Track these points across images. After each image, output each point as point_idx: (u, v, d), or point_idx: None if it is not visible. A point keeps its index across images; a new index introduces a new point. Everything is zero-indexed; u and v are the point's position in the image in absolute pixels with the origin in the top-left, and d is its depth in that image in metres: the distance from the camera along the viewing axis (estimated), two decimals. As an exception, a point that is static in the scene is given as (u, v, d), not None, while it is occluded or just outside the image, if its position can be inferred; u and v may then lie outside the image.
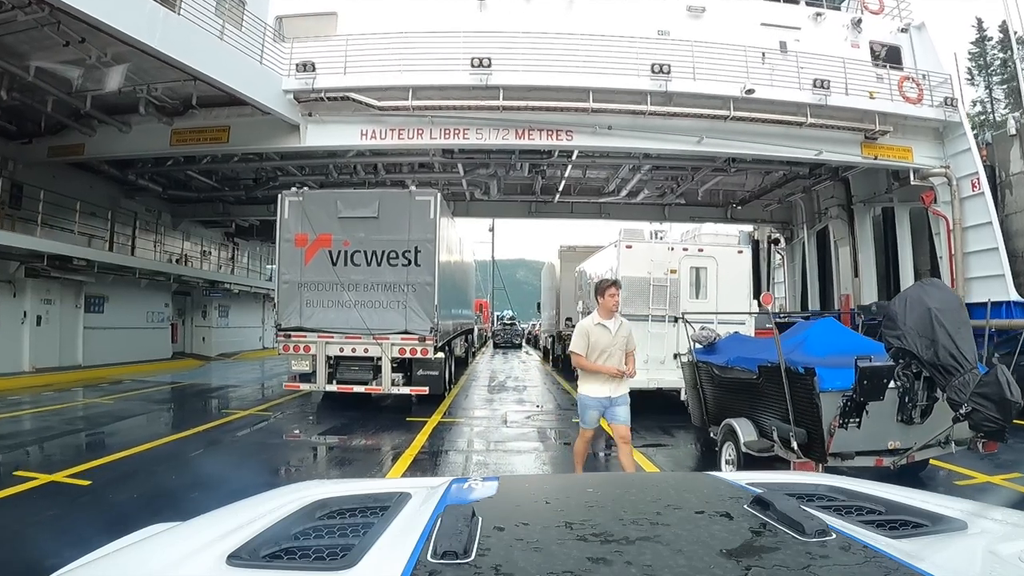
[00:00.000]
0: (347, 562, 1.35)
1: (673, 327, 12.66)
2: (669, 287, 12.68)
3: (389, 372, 12.48)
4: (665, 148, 17.23)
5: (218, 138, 17.53)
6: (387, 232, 12.69)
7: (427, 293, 12.46)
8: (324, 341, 12.70)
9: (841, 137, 17.95)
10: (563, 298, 22.61)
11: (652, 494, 1.88)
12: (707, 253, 13.13)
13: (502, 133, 16.46)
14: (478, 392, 16.69)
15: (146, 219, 25.95)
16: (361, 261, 12.75)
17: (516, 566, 1.22)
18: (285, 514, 1.76)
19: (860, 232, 23.30)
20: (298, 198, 13.16)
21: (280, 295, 13.15)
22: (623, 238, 12.93)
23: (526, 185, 25.23)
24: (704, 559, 1.28)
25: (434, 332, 12.36)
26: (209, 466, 8.30)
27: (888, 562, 1.28)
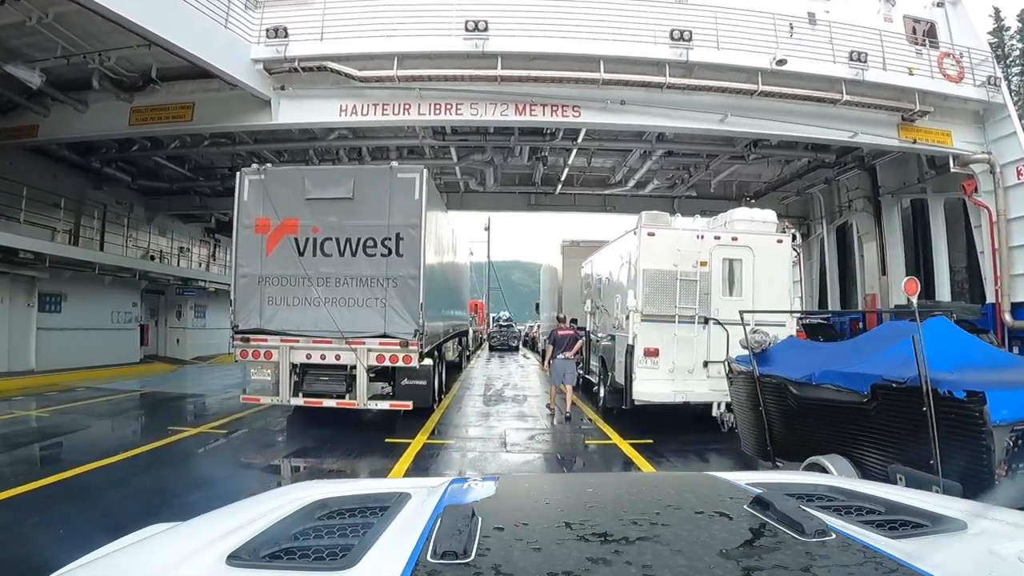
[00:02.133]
0: (347, 562, 1.34)
1: (704, 329, 10.75)
2: (699, 282, 10.70)
3: (365, 383, 10.47)
4: (685, 127, 15.31)
5: (181, 116, 15.65)
6: (364, 216, 10.70)
7: (411, 289, 10.45)
8: (288, 346, 10.70)
9: (877, 118, 16.23)
10: (566, 298, 20.62)
11: (652, 494, 1.89)
12: (742, 242, 11.15)
13: (500, 108, 14.48)
14: (472, 403, 14.64)
15: (116, 212, 24.07)
16: (333, 251, 10.75)
17: (516, 566, 1.22)
18: (285, 514, 1.74)
19: (888, 226, 21.37)
20: (259, 176, 11.18)
21: (237, 291, 11.13)
22: (644, 223, 10.93)
23: (525, 175, 23.28)
24: (704, 559, 1.27)
25: (419, 335, 10.34)
26: (119, 509, 6.37)
27: (888, 562, 1.28)
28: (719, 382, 10.58)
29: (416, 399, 11.44)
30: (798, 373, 6.10)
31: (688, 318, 10.66)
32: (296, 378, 10.87)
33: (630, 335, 10.56)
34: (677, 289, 10.58)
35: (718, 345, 10.76)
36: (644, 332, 10.57)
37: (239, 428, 11.44)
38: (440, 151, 19.50)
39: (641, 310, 10.53)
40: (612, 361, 12.21)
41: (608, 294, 13.14)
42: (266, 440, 10.63)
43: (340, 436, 10.45)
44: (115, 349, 23.21)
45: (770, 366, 6.78)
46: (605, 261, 13.80)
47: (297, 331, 10.68)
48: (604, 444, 10.26)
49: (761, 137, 16.66)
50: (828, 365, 5.82)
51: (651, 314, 10.56)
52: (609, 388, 12.47)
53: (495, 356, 34.86)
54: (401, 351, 10.31)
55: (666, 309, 10.59)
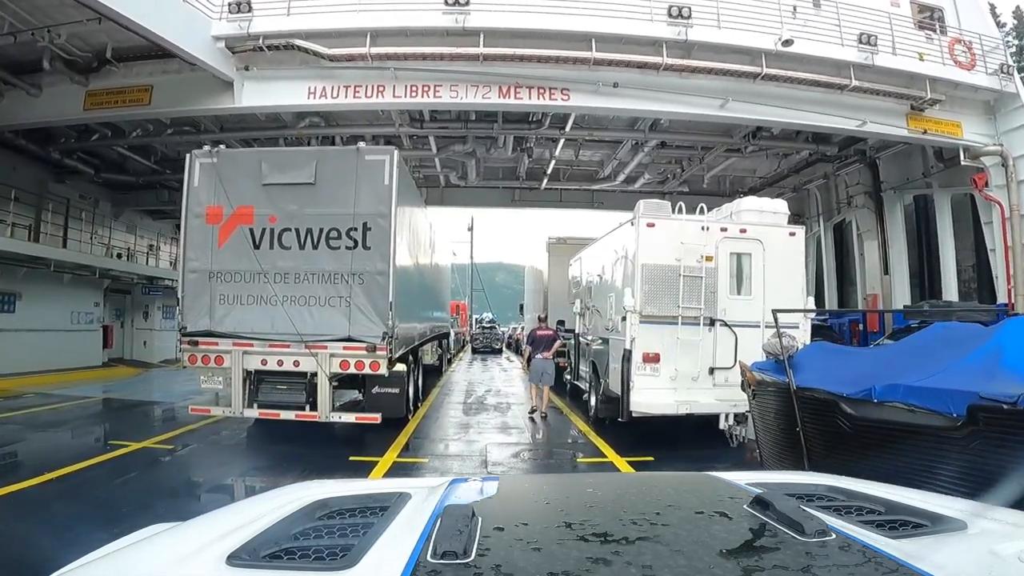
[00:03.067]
0: (347, 562, 1.33)
1: (710, 332, 9.60)
2: (705, 279, 9.54)
3: (328, 393, 9.21)
4: (682, 112, 14.19)
5: (139, 100, 14.41)
6: (327, 203, 9.46)
7: (379, 286, 9.22)
8: (241, 350, 9.43)
9: (885, 107, 15.25)
10: (552, 298, 19.40)
11: (652, 494, 1.88)
12: (751, 234, 10.01)
13: (482, 91, 13.28)
14: (451, 413, 13.38)
15: (80, 207, 22.75)
16: (292, 242, 9.51)
17: (516, 566, 1.21)
18: (285, 514, 1.73)
19: (891, 223, 20.37)
20: (211, 159, 9.93)
21: (185, 288, 9.86)
22: (643, 213, 9.75)
23: (509, 169, 22.15)
24: (704, 559, 1.27)
25: (388, 339, 9.10)
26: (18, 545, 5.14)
27: (888, 562, 1.27)
28: (726, 391, 9.52)
29: (388, 409, 10.22)
30: (850, 387, 4.92)
31: (692, 319, 9.50)
32: (251, 387, 9.61)
33: (627, 338, 9.38)
34: (680, 286, 9.42)
35: (725, 350, 9.67)
36: (643, 335, 9.40)
37: (189, 443, 10.13)
38: (419, 142, 18.30)
39: (640, 310, 9.35)
40: (605, 367, 11.03)
41: (600, 293, 11.95)
42: (215, 458, 9.36)
43: (299, 453, 9.18)
44: (75, 352, 21.70)
45: (803, 376, 5.64)
46: (597, 257, 12.59)
47: (251, 334, 9.42)
48: (598, 462, 9.09)
49: (764, 124, 15.58)
50: (890, 377, 4.65)
51: (651, 315, 9.40)
52: (602, 397, 11.29)
53: (478, 359, 33.58)
54: (368, 357, 9.07)
55: (668, 309, 9.43)
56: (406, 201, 10.46)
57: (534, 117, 15.99)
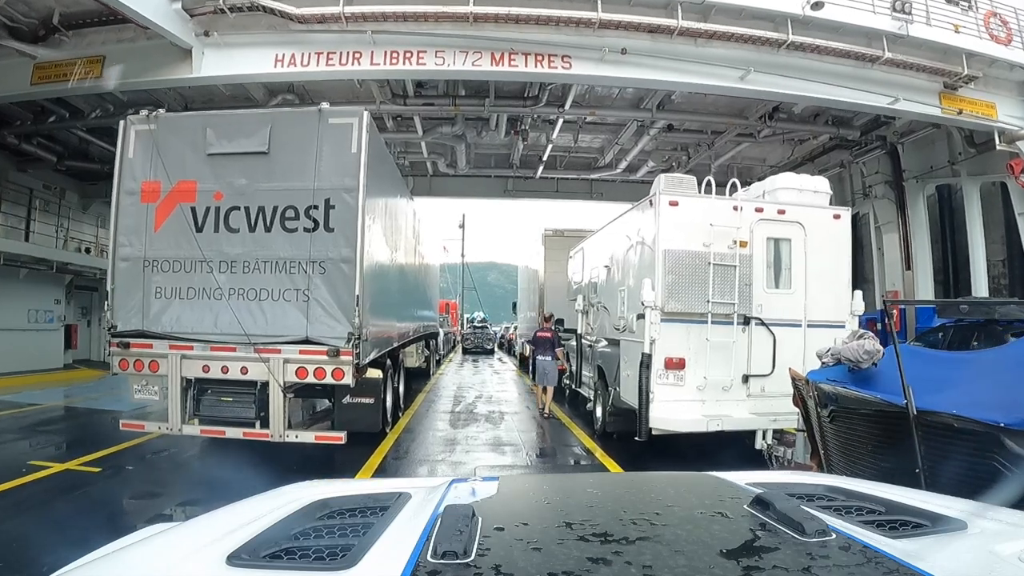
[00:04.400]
0: (347, 562, 1.32)
1: (743, 332, 8.02)
2: (739, 268, 7.95)
3: (281, 407, 7.54)
4: (698, 84, 12.56)
5: (90, 72, 12.77)
6: (282, 176, 7.84)
7: (343, 276, 7.57)
8: (179, 354, 7.78)
9: (917, 84, 13.79)
10: (549, 295, 17.84)
11: (652, 494, 1.88)
12: (791, 216, 8.46)
13: (472, 57, 11.63)
14: (437, 425, 11.69)
15: (45, 198, 21.28)
16: (240, 224, 7.87)
17: (516, 566, 1.20)
18: (285, 514, 1.72)
19: (913, 215, 18.82)
20: (148, 126, 8.29)
21: (116, 280, 8.21)
22: (664, 188, 8.15)
23: (502, 156, 20.56)
24: (704, 559, 1.26)
25: (355, 341, 7.44)
26: None
27: (888, 562, 1.26)
28: (763, 403, 8.01)
29: (361, 423, 8.72)
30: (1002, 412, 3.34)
31: (723, 317, 7.93)
32: (191, 398, 7.97)
33: (645, 340, 7.75)
34: (709, 277, 7.83)
35: (762, 354, 8.14)
36: (665, 336, 7.81)
37: (122, 463, 8.50)
38: (404, 124, 16.70)
39: (661, 306, 7.75)
40: (615, 373, 9.42)
41: (609, 288, 10.30)
42: (145, 485, 7.70)
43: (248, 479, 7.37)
44: (32, 353, 20.06)
45: (890, 391, 4.11)
46: (604, 246, 10.93)
47: (191, 334, 7.79)
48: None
49: (788, 100, 13.98)
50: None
51: (674, 312, 7.81)
52: (610, 408, 9.69)
53: (469, 360, 31.84)
54: (330, 363, 7.42)
55: (695, 304, 7.84)
56: (380, 175, 8.82)
57: (530, 93, 14.40)
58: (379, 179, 8.74)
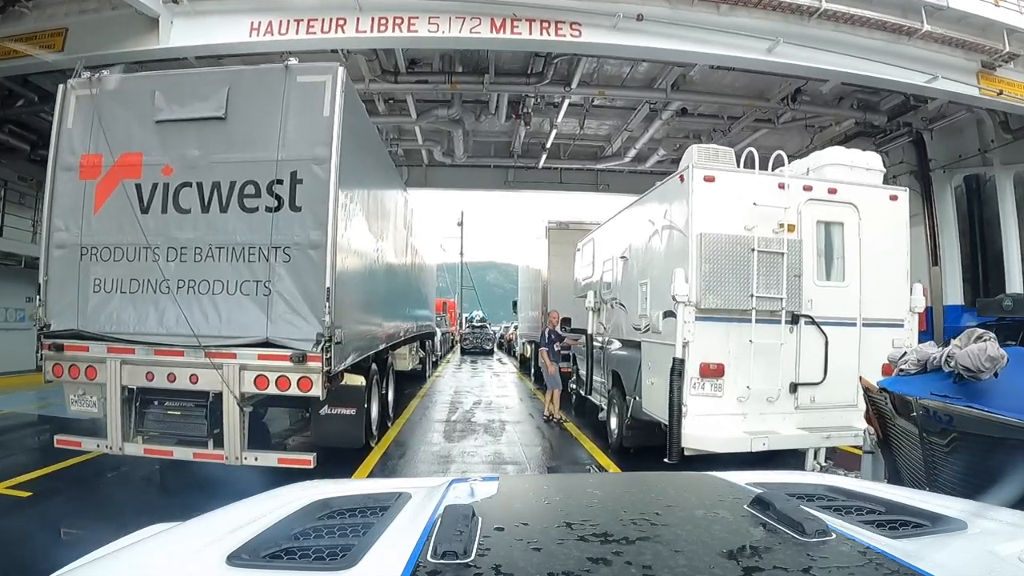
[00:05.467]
0: (347, 562, 1.31)
1: (792, 333, 6.77)
2: (787, 255, 6.66)
3: (238, 424, 6.24)
4: (722, 55, 11.32)
5: (51, 45, 11.72)
6: (242, 146, 6.55)
7: (311, 264, 6.26)
8: (118, 359, 6.50)
9: (953, 62, 12.64)
10: (553, 292, 16.55)
11: (652, 494, 1.87)
12: (843, 197, 7.20)
13: (470, 24, 10.36)
14: (430, 438, 10.36)
15: (21, 190, 20.06)
16: (192, 203, 6.58)
17: (516, 566, 1.19)
18: (285, 514, 1.71)
19: (940, 207, 17.62)
20: (90, 90, 7.03)
21: (49, 271, 6.94)
22: (697, 161, 6.85)
23: (502, 144, 19.32)
24: (704, 559, 1.25)
25: (325, 344, 6.10)
26: None
27: (888, 562, 1.26)
28: (814, 416, 6.81)
29: (340, 437, 7.57)
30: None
31: (769, 314, 6.63)
32: (134, 411, 6.68)
33: (677, 343, 6.44)
34: (753, 267, 6.53)
35: (812, 358, 6.88)
36: (701, 338, 6.50)
37: (63, 485, 7.26)
38: (396, 107, 15.42)
39: (697, 302, 6.46)
40: (635, 380, 8.12)
41: (626, 282, 8.97)
42: (72, 517, 6.39)
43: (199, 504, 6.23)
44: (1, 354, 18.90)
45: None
46: (621, 234, 9.54)
47: (132, 334, 6.51)
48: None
49: (818, 76, 12.70)
50: None
51: (712, 308, 6.52)
52: (629, 421, 8.38)
53: (467, 361, 30.54)
54: (295, 371, 6.10)
55: (736, 299, 6.54)
56: (360, 146, 7.53)
57: (533, 69, 13.15)
58: (358, 151, 7.45)
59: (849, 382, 7.05)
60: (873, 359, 7.12)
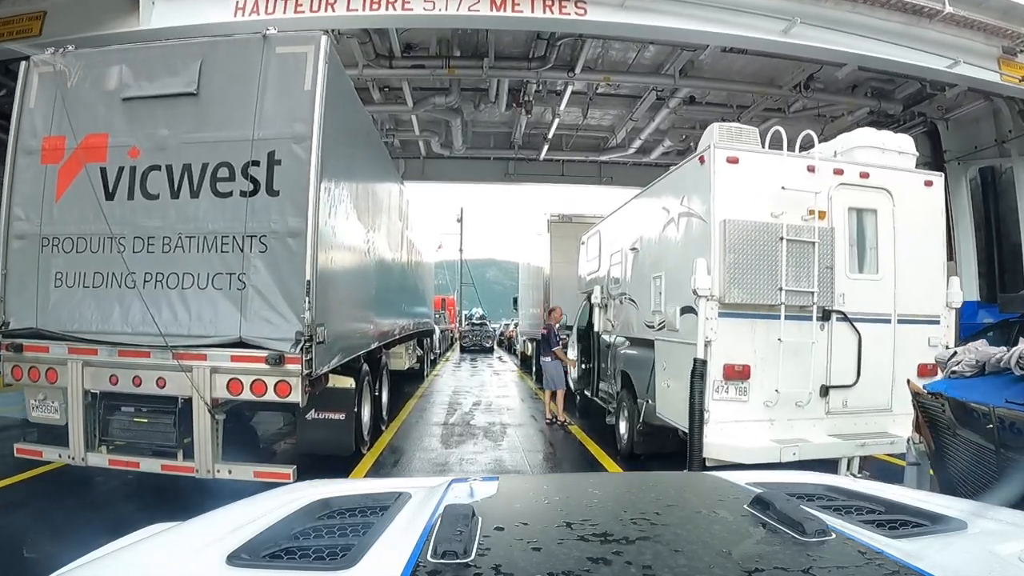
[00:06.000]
0: (347, 562, 1.30)
1: (823, 331, 6.16)
2: (818, 245, 6.03)
3: (209, 432, 5.61)
4: (736, 35, 10.73)
5: (28, 30, 11.24)
6: (215, 124, 5.93)
7: (289, 255, 5.63)
8: (81, 360, 5.88)
9: (973, 46, 12.09)
10: (555, 288, 15.92)
11: (652, 494, 1.86)
12: (876, 181, 6.58)
13: (468, 1, 9.72)
14: (426, 443, 9.71)
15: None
16: (161, 187, 5.96)
17: (516, 566, 1.18)
18: (285, 514, 1.70)
19: (955, 200, 16.98)
20: (53, 67, 6.43)
21: (8, 263, 6.33)
22: (719, 141, 6.21)
23: (502, 135, 18.70)
24: (704, 559, 1.24)
25: (305, 344, 5.49)
26: None
27: (888, 562, 1.24)
28: (846, 422, 6.26)
29: (328, 444, 7.02)
30: None
31: (799, 310, 6.01)
32: (99, 418, 6.07)
33: (699, 341, 5.81)
34: (782, 257, 5.89)
35: (845, 358, 6.27)
36: (725, 336, 5.88)
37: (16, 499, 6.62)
38: (391, 95, 14.77)
39: (720, 296, 5.83)
40: (647, 383, 7.49)
41: (637, 275, 8.32)
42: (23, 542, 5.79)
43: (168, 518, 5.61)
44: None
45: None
46: (630, 224, 8.84)
47: (95, 333, 5.90)
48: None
49: (836, 59, 12.09)
50: None
51: (737, 303, 5.88)
52: (641, 426, 7.75)
53: (467, 359, 29.91)
54: (271, 374, 5.46)
55: (763, 293, 5.90)
56: (346, 126, 6.89)
57: (535, 52, 12.50)
58: (345, 130, 6.81)
59: (883, 384, 6.47)
60: (908, 359, 6.54)
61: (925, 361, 6.61)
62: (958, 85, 13.50)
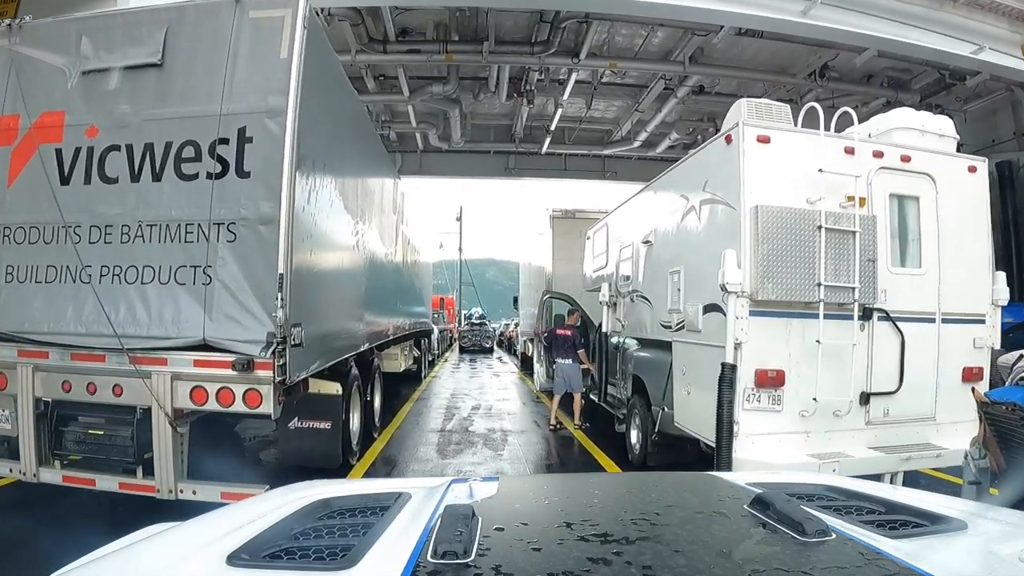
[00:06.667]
0: (347, 562, 1.29)
1: (863, 331, 5.50)
2: (859, 235, 5.36)
3: (169, 446, 4.94)
4: (752, 15, 10.16)
5: (4, 12, 10.58)
6: (181, 98, 5.27)
7: (260, 244, 4.93)
8: (31, 364, 5.23)
9: (996, 32, 11.62)
10: (559, 287, 15.23)
11: (652, 494, 1.84)
12: (917, 165, 5.93)
13: (466, -23, 9.11)
14: (421, 452, 9.02)
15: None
16: (120, 170, 5.29)
17: (516, 566, 1.17)
18: (285, 514, 1.69)
19: (973, 196, 16.40)
20: (7, 39, 5.78)
21: (-47, 256, 5.68)
22: (747, 118, 5.54)
23: (503, 128, 18.06)
24: (704, 559, 1.23)
25: (278, 347, 4.80)
26: None
27: (888, 562, 1.23)
28: (887, 432, 5.63)
29: (312, 455, 6.44)
30: None
31: (838, 308, 5.35)
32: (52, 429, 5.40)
33: (727, 343, 5.14)
34: (821, 248, 5.24)
35: (886, 361, 5.60)
36: (757, 337, 5.22)
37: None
38: (387, 84, 14.12)
39: (752, 292, 5.16)
40: (663, 389, 6.82)
41: (651, 270, 7.64)
42: None
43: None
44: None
45: None
46: (644, 215, 8.18)
47: (47, 334, 5.24)
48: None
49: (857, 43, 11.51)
50: None
51: (770, 300, 5.22)
52: (656, 436, 7.08)
53: (465, 360, 29.21)
54: (239, 381, 4.77)
55: (800, 289, 5.24)
56: (328, 102, 6.20)
57: (538, 36, 11.85)
58: (327, 105, 6.14)
59: (926, 390, 5.83)
60: (952, 362, 5.90)
61: (970, 364, 5.99)
62: (980, 73, 12.91)
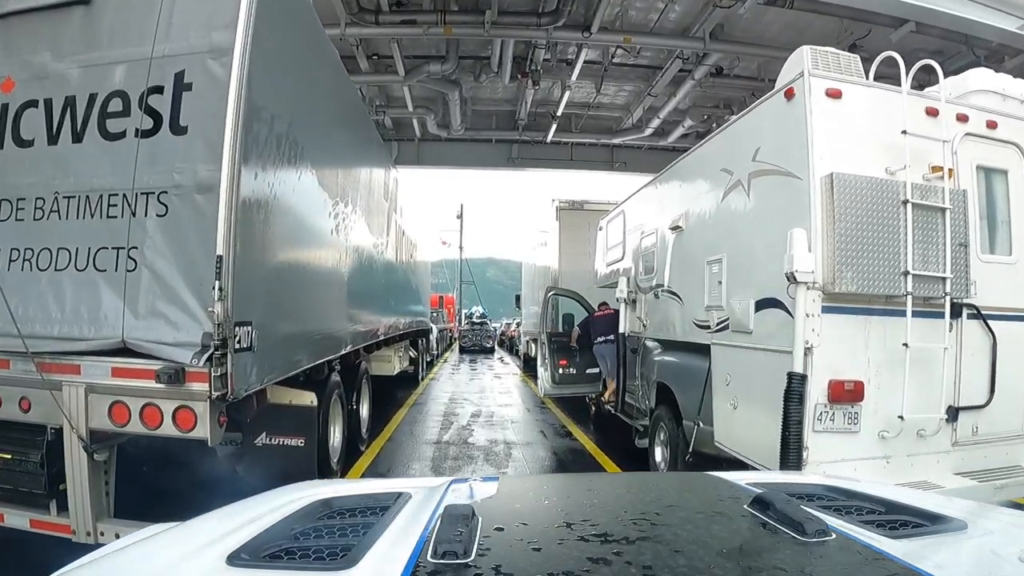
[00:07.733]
0: (347, 562, 1.28)
1: (951, 331, 4.45)
2: (950, 213, 4.32)
3: (86, 477, 3.92)
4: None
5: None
6: (109, 41, 4.24)
7: (196, 217, 3.86)
8: (-77, 370, 4.21)
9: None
10: (566, 283, 14.20)
11: (652, 494, 1.84)
12: (1004, 133, 4.89)
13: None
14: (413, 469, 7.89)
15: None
16: (36, 130, 4.27)
17: (516, 566, 1.17)
18: (285, 514, 1.69)
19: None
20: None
21: None
22: (813, 69, 4.45)
23: (505, 115, 16.98)
24: (704, 559, 1.22)
25: (216, 351, 3.73)
26: None
27: (888, 562, 1.23)
28: (975, 455, 4.61)
29: (282, 477, 5.09)
30: None
31: (925, 303, 4.31)
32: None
33: (795, 348, 4.09)
34: (908, 228, 4.20)
35: (975, 368, 4.57)
36: (831, 339, 4.17)
37: None
38: (381, 64, 13.07)
39: (826, 283, 4.12)
40: (699, 400, 5.75)
41: (681, 261, 6.55)
42: None
43: None
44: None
45: None
46: (671, 197, 7.07)
47: (-56, 335, 4.22)
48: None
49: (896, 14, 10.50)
50: None
51: (847, 293, 4.17)
52: (690, 456, 6.00)
53: (466, 360, 28.13)
54: (168, 395, 3.72)
55: (883, 280, 4.18)
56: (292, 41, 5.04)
57: (545, 7, 10.80)
58: (293, 48, 5.05)
59: (1018, 402, 4.78)
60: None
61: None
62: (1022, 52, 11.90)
